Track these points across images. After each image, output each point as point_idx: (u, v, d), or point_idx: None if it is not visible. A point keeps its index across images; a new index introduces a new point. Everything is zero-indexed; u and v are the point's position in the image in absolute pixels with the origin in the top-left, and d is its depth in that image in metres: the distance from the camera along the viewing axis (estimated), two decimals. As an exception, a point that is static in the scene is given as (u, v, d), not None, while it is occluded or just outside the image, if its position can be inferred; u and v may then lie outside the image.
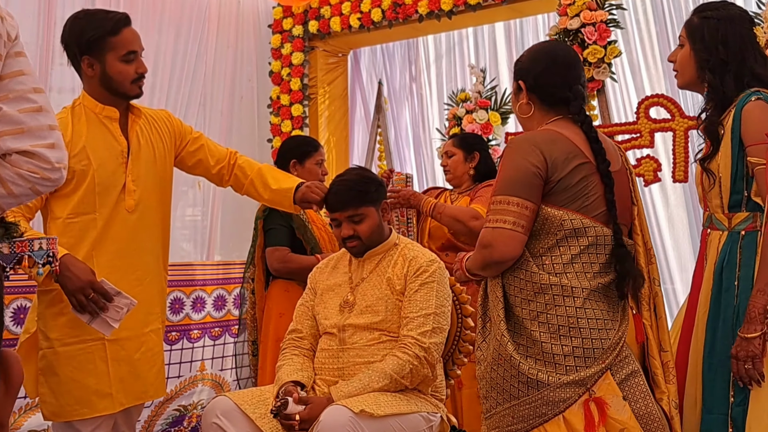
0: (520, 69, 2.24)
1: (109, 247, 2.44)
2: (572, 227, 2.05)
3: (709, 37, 2.34)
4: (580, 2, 3.88)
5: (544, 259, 2.07)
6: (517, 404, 2.03)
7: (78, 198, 2.40)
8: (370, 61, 5.69)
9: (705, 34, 2.35)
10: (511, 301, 2.09)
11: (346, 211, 2.66)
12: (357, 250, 2.70)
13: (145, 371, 2.49)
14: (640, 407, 2.03)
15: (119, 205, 2.45)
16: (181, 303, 3.87)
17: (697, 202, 4.15)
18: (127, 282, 2.46)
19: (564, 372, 2.00)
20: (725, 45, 2.32)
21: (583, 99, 2.19)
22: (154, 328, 2.55)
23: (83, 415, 2.38)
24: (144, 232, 2.51)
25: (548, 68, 2.18)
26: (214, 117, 5.20)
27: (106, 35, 2.40)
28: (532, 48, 2.32)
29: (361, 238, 2.66)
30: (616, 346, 2.05)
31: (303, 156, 3.46)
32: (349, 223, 2.66)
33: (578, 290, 2.04)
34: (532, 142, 2.08)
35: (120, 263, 2.45)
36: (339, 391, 2.44)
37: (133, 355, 2.46)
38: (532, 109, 2.20)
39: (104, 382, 2.40)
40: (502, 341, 2.05)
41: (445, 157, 3.64)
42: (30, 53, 4.10)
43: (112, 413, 2.43)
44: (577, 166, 2.06)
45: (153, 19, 4.81)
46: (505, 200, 2.05)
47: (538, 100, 2.19)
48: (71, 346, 2.38)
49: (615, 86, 4.43)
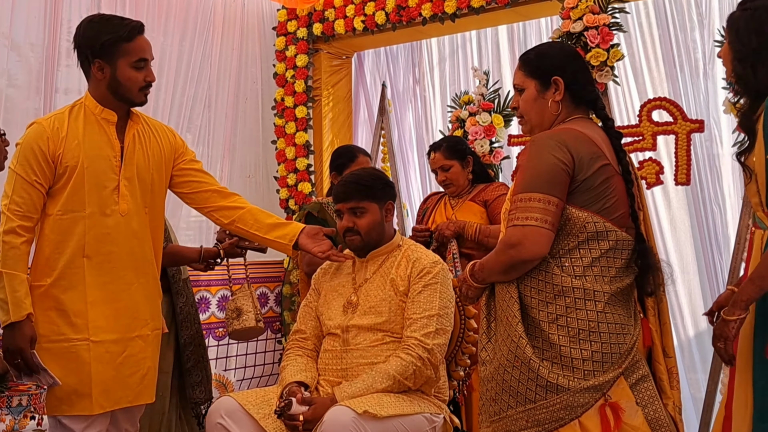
0: (552, 65, 2.15)
1: (100, 248, 2.46)
2: (595, 230, 2.01)
3: (743, 28, 2.19)
4: (583, 5, 3.89)
5: (563, 260, 2.03)
6: (533, 408, 1.99)
7: (68, 194, 2.43)
8: (374, 63, 5.70)
9: (740, 25, 2.20)
10: (527, 302, 2.04)
11: (349, 202, 2.69)
12: (355, 245, 2.72)
13: (127, 376, 2.49)
14: (649, 412, 2.02)
15: (110, 208, 2.47)
16: None
17: (699, 205, 4.17)
18: (117, 286, 2.48)
19: (582, 377, 1.97)
20: (759, 34, 2.15)
21: (600, 98, 2.17)
22: (141, 333, 2.54)
23: (63, 411, 2.41)
24: (135, 236, 2.52)
25: (582, 66, 2.15)
26: (218, 119, 5.22)
27: (120, 41, 2.44)
28: (554, 45, 2.26)
29: (360, 233, 2.68)
30: (631, 351, 2.03)
31: (340, 168, 3.54)
32: (350, 215, 2.69)
33: (599, 294, 2.00)
34: (559, 139, 2.03)
35: (110, 266, 2.47)
36: (342, 391, 2.46)
37: (116, 359, 2.47)
38: (560, 107, 2.14)
39: (85, 383, 2.41)
40: (520, 343, 2.01)
41: (441, 172, 3.60)
42: (36, 55, 4.22)
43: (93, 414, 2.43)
44: (600, 167, 2.03)
45: (158, 21, 4.83)
46: (535, 197, 1.99)
47: (570, 97, 2.14)
48: (57, 343, 2.41)
49: (617, 89, 4.44)
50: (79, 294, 2.43)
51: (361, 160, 3.61)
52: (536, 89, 2.18)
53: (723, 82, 3.68)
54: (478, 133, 4.32)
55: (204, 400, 3.27)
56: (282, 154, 5.35)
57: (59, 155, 2.42)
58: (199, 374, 3.27)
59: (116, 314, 2.48)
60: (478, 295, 2.21)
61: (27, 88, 4.23)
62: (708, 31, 4.28)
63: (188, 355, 3.22)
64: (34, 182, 2.39)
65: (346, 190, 2.72)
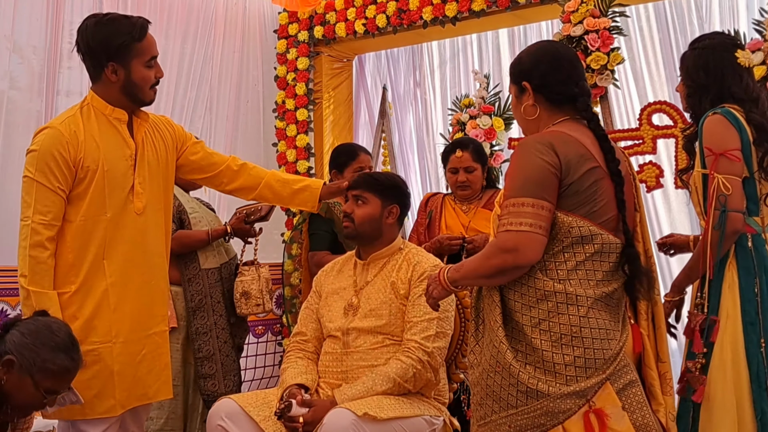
0: (521, 70, 2.17)
1: (118, 248, 2.45)
2: (580, 234, 1.98)
3: (692, 66, 2.63)
4: (584, 9, 3.90)
5: (548, 264, 1.99)
6: (514, 414, 1.96)
7: (89, 199, 2.40)
8: (375, 66, 5.71)
9: (689, 63, 2.64)
10: (510, 306, 2.02)
11: (357, 189, 2.77)
12: (348, 232, 2.77)
13: (145, 373, 2.50)
14: (637, 418, 1.97)
15: (128, 207, 2.46)
16: None
17: (699, 208, 4.17)
18: (135, 284, 2.48)
19: (564, 382, 1.94)
20: (706, 70, 2.59)
21: (589, 95, 2.14)
22: (158, 330, 2.55)
23: (85, 415, 2.39)
24: (150, 234, 2.53)
25: (553, 66, 2.12)
26: (219, 121, 5.23)
27: (133, 41, 2.41)
28: (531, 48, 2.24)
29: (354, 221, 2.72)
30: (617, 357, 1.99)
31: (341, 167, 3.51)
32: (352, 201, 2.77)
33: (583, 298, 1.97)
34: (546, 142, 2.00)
35: (128, 265, 2.47)
36: (342, 394, 2.46)
37: (136, 357, 2.47)
38: (538, 110, 2.12)
39: (109, 386, 2.41)
40: (501, 348, 1.98)
41: (464, 172, 3.52)
42: (38, 57, 4.23)
43: (117, 415, 2.43)
44: (588, 170, 2.00)
45: (160, 23, 4.83)
46: (527, 202, 1.95)
47: (544, 99, 2.12)
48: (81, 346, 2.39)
49: (618, 93, 4.45)
50: (102, 297, 2.41)
51: (362, 158, 3.55)
52: (515, 95, 2.21)
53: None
54: (479, 136, 4.33)
55: (217, 394, 3.14)
56: (283, 156, 5.36)
57: (80, 159, 2.37)
58: (213, 366, 3.22)
59: (135, 313, 2.47)
60: (442, 297, 2.18)
61: (29, 90, 4.24)
62: (708, 35, 4.28)
63: (200, 345, 3.19)
64: (57, 189, 2.35)
65: (361, 179, 2.82)
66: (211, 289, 3.26)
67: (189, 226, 3.23)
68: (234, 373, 3.31)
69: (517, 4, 4.37)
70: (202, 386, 3.21)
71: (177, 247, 3.07)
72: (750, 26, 3.74)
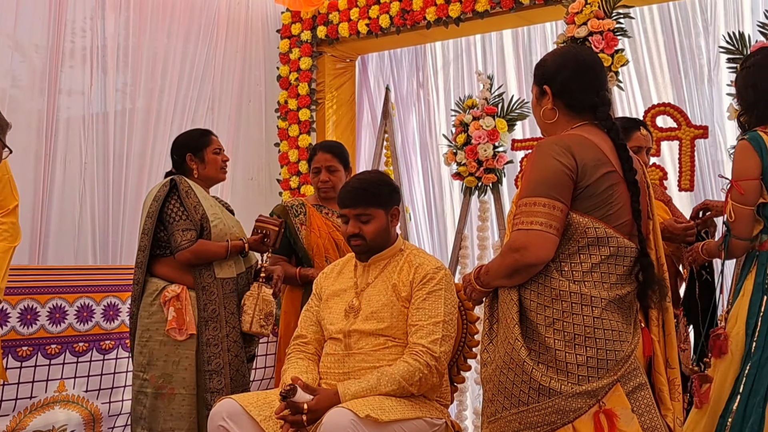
0: (544, 73, 2.19)
1: None
2: (596, 236, 2.01)
3: (742, 85, 2.72)
4: (588, 11, 3.89)
5: (563, 265, 2.03)
6: (525, 410, 1.99)
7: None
8: (378, 66, 5.70)
9: (740, 83, 2.74)
10: (526, 305, 2.05)
11: (356, 208, 2.67)
12: (360, 249, 2.71)
13: None
14: (645, 420, 2.00)
15: None
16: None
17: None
18: None
19: (576, 381, 1.97)
20: (754, 88, 2.65)
21: (609, 105, 2.16)
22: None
23: None
24: None
25: (576, 74, 2.14)
26: (222, 120, 5.22)
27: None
28: (557, 52, 2.26)
29: (366, 239, 2.67)
30: (628, 359, 2.01)
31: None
32: (356, 221, 2.68)
33: (597, 300, 2.00)
34: (563, 145, 2.03)
35: None
36: (346, 388, 2.45)
37: None
38: (557, 114, 2.15)
39: None
40: (515, 345, 2.01)
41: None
42: (40, 56, 4.21)
43: None
44: (605, 174, 2.03)
45: (162, 23, 4.83)
46: (540, 202, 1.99)
47: (564, 105, 2.15)
48: None
49: (622, 95, 4.43)
50: None
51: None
52: (536, 96, 2.23)
53: (728, 88, 3.67)
54: (482, 137, 4.31)
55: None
56: (285, 156, 5.35)
57: None
58: (221, 380, 3.11)
59: None
60: (481, 298, 2.22)
61: (31, 89, 4.23)
62: (713, 38, 4.27)
63: (210, 357, 3.10)
64: None
65: (353, 196, 2.68)
66: (225, 299, 3.17)
67: (209, 235, 3.16)
68: (242, 389, 3.19)
69: (521, 5, 4.36)
70: (208, 400, 3.08)
71: (195, 260, 3.10)
72: (755, 28, 3.72)
